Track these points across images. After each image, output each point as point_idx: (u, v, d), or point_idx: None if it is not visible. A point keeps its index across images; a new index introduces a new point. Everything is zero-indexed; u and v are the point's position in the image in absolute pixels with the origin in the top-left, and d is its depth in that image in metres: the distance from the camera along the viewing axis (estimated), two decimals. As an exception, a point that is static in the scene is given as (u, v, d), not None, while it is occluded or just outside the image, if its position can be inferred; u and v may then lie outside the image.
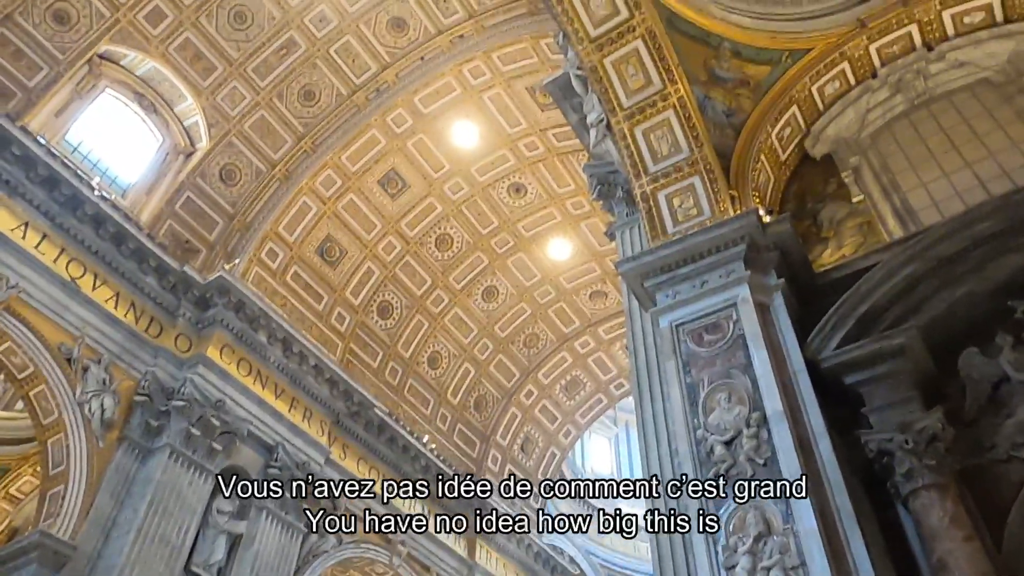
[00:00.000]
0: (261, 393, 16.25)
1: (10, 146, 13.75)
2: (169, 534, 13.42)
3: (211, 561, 14.21)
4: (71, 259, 14.56)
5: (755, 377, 7.11)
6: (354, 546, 17.44)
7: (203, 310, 16.04)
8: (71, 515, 12.98)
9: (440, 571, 19.63)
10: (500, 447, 23.22)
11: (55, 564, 12.32)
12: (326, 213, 19.01)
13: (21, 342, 13.49)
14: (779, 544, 6.08)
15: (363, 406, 18.31)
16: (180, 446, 14.21)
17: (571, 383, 24.13)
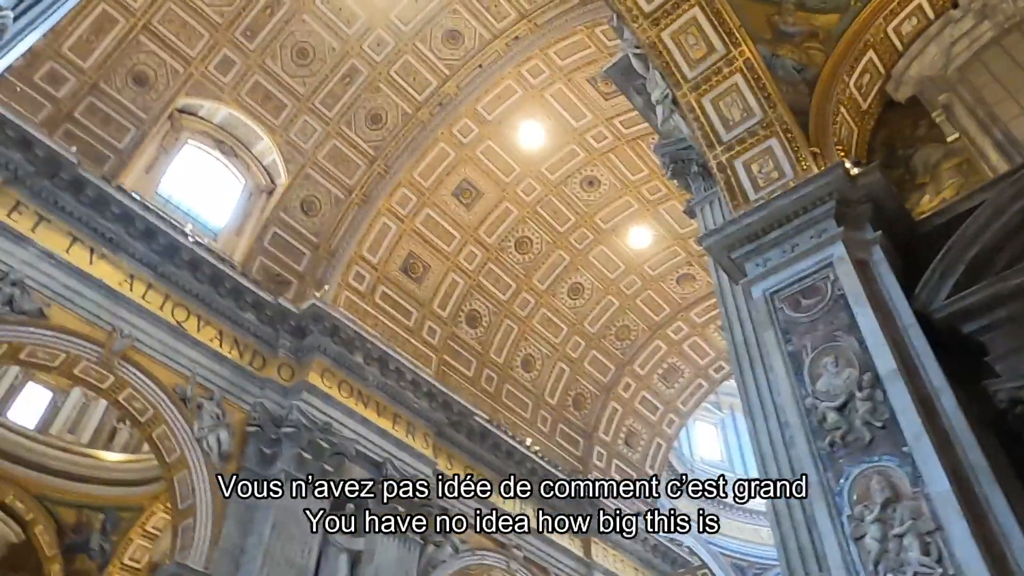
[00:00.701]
0: (364, 412, 16.64)
1: (109, 206, 14.64)
2: (293, 556, 13.90)
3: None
4: (175, 304, 15.34)
5: (862, 337, 6.72)
6: (470, 554, 17.59)
7: (300, 339, 16.58)
8: (202, 545, 13.64)
9: (558, 572, 19.55)
10: (604, 443, 22.97)
11: None
12: (405, 231, 19.33)
13: (140, 388, 14.29)
14: (910, 509, 5.71)
15: (463, 415, 18.49)
16: (294, 471, 14.71)
17: (668, 371, 23.66)
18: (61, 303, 13.60)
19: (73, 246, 14.17)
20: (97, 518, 19.81)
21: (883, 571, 5.62)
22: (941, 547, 5.50)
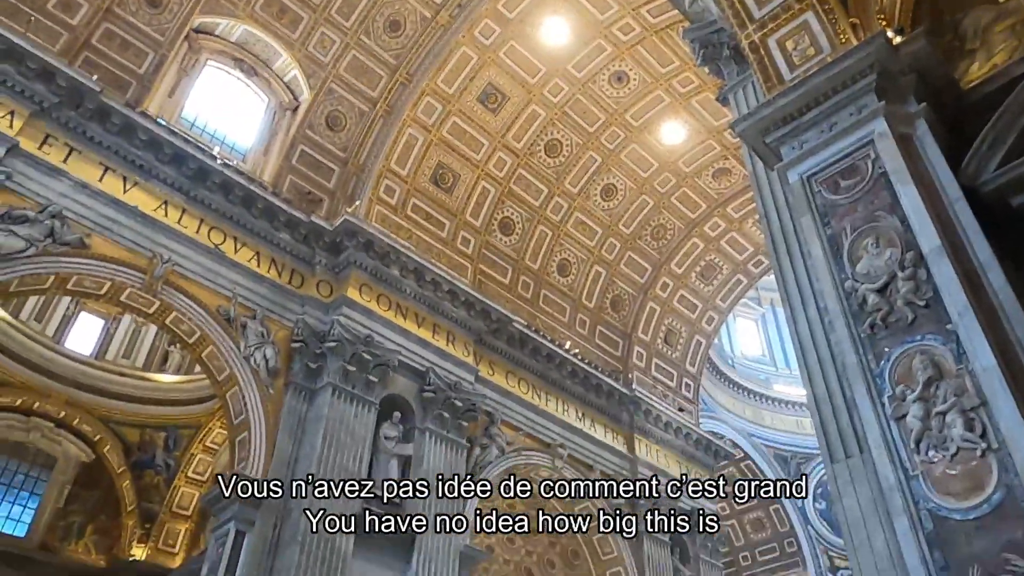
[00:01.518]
0: (404, 324, 16.89)
1: (136, 132, 14.64)
2: (346, 463, 14.44)
3: (387, 483, 15.20)
4: (211, 227, 15.51)
5: (905, 215, 6.47)
6: (516, 454, 18.13)
7: (336, 255, 16.71)
8: (259, 457, 14.25)
9: (603, 468, 20.08)
10: (643, 343, 23.09)
11: (254, 501, 13.61)
12: (432, 141, 19.05)
13: (185, 310, 14.65)
14: (954, 386, 5.61)
15: (502, 322, 18.67)
16: (340, 383, 15.12)
17: (706, 268, 23.43)
18: (101, 232, 13.84)
19: (106, 175, 14.29)
20: (159, 436, 20.81)
21: (924, 448, 5.59)
22: (985, 422, 5.43)
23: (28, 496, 20.08)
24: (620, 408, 21.35)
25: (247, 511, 13.57)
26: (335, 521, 13.58)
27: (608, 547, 19.65)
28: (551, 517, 20.32)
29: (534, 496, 20.12)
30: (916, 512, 5.51)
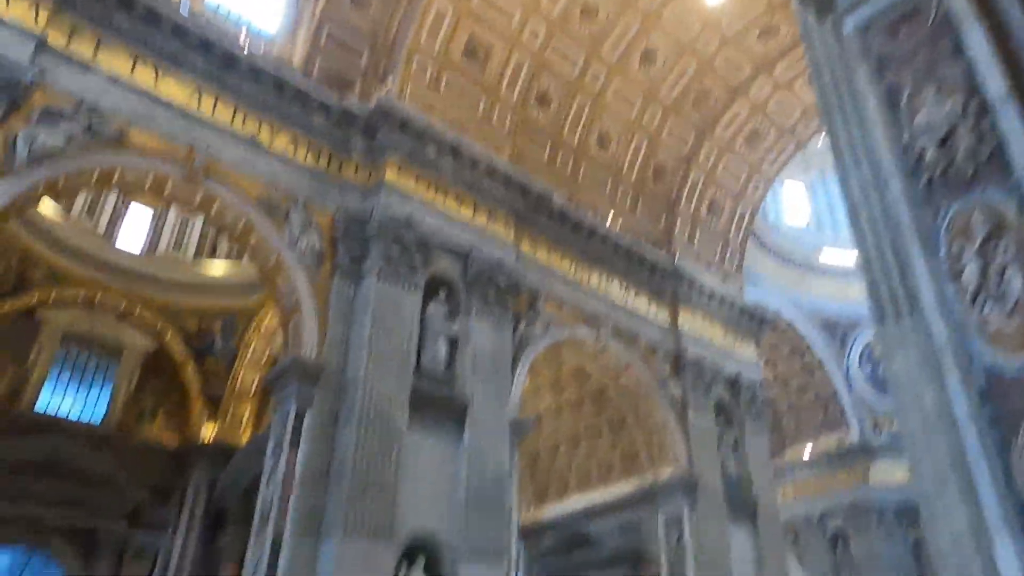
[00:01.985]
0: (443, 205, 16.85)
1: (161, 20, 14.32)
2: (396, 344, 14.87)
3: (437, 361, 15.71)
4: (245, 116, 15.38)
5: (970, 60, 6.01)
6: (560, 330, 18.41)
7: (371, 138, 16.52)
8: (312, 340, 14.74)
9: (647, 340, 20.34)
10: (686, 214, 22.74)
11: (310, 380, 14.23)
12: (462, 13, 18.22)
13: (228, 201, 14.80)
14: (1015, 239, 5.37)
15: (542, 199, 18.49)
16: (384, 267, 15.32)
17: (752, 134, 22.60)
18: (138, 125, 13.85)
19: (136, 67, 14.13)
20: (216, 324, 21.66)
21: (980, 304, 5.45)
22: (1047, 275, 5.24)
23: (101, 384, 21.31)
24: (663, 281, 21.35)
25: (305, 390, 14.21)
26: (388, 398, 14.18)
27: (654, 415, 20.21)
28: (596, 387, 20.90)
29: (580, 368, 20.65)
30: (968, 368, 5.45)
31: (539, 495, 23.97)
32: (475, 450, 15.05)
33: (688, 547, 18.70)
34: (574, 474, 22.89)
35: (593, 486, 22.24)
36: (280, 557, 12.79)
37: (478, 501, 14.62)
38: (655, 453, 20.24)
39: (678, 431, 19.94)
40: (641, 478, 20.43)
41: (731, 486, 20.39)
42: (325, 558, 12.73)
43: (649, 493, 19.93)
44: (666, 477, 19.69)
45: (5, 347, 19.72)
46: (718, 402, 21.35)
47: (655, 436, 20.27)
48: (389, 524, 13.19)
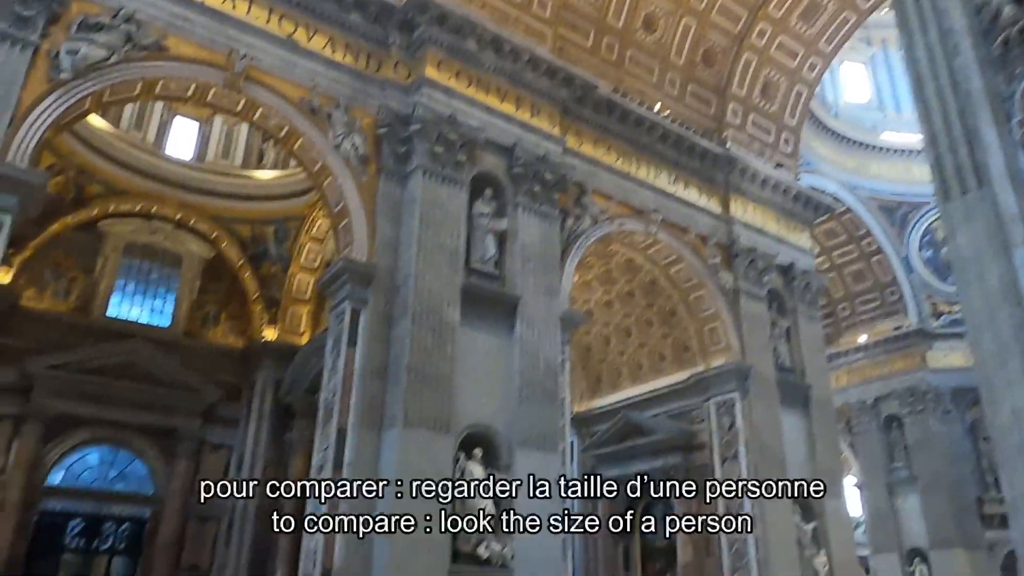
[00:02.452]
0: (486, 100, 16.49)
1: (187, -82, 13.90)
2: (444, 242, 14.96)
3: (486, 258, 15.81)
4: (281, 16, 15.07)
5: (1056, -98, 5.45)
6: (608, 223, 18.23)
7: (410, 33, 16.08)
8: (362, 241, 14.93)
9: (697, 230, 20.04)
10: (738, 98, 21.82)
11: (363, 281, 14.52)
12: None
13: (270, 106, 14.74)
14: (1097, 102, 5.03)
15: (587, 89, 17.93)
16: (429, 165, 15.23)
17: (808, 8, 21.24)
18: (176, 33, 13.73)
19: (168, -30, 13.85)
20: (269, 230, 22.07)
21: (1056, 173, 5.16)
22: None
23: (165, 291, 22.13)
24: (714, 169, 20.79)
25: (359, 291, 14.53)
26: (439, 295, 14.42)
27: (705, 304, 20.16)
28: (647, 279, 20.85)
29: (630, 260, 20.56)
30: (1038, 242, 5.22)
31: (592, 386, 24.48)
32: (527, 343, 15.32)
33: (740, 433, 19.02)
34: (626, 365, 23.22)
35: (645, 376, 22.58)
36: (345, 448, 13.47)
37: (532, 392, 15.00)
38: (707, 342, 20.31)
39: (730, 320, 19.90)
40: (693, 367, 20.62)
41: (783, 373, 20.46)
42: (387, 448, 13.36)
43: (701, 381, 20.15)
44: (718, 365, 19.82)
45: (73, 259, 20.53)
46: (771, 290, 21.12)
47: (707, 326, 20.28)
48: (446, 416, 13.69)
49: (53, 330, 19.34)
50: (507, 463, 14.33)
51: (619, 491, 22.91)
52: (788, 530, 18.52)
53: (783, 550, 18.12)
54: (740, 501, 18.48)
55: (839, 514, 20.09)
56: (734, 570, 18.19)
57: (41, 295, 19.81)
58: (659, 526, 22.31)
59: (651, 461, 21.52)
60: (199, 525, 20.35)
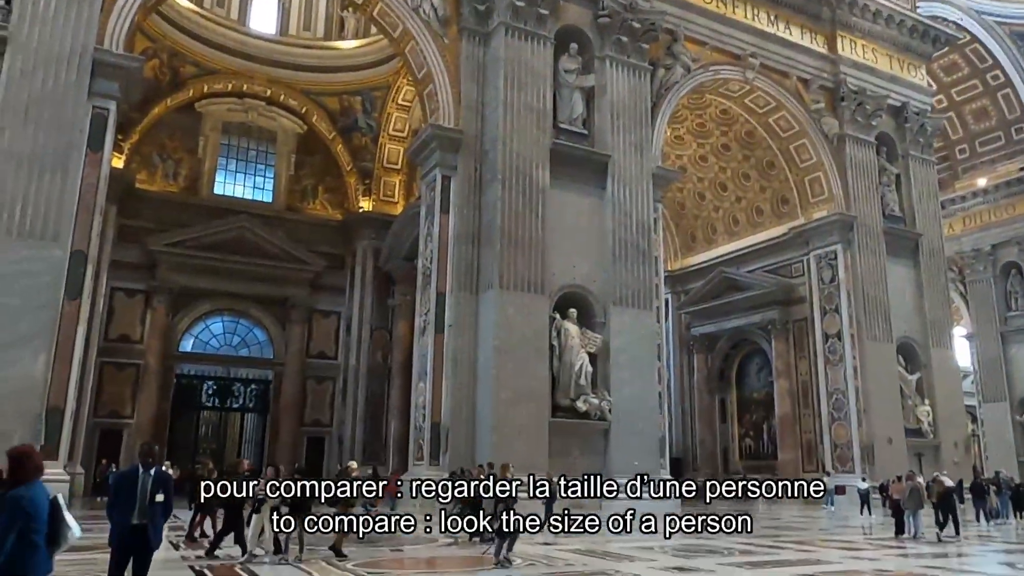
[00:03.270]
0: (567, -55, 15.49)
1: None
2: (530, 102, 14.60)
3: (574, 116, 15.40)
4: None
5: None
6: (703, 71, 17.24)
7: None
8: (447, 106, 14.77)
9: (799, 74, 18.71)
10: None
11: (451, 147, 14.49)
12: None
13: (345, -31, 14.36)
14: None
15: (676, -77, 16.48)
16: (511, 21, 14.65)
17: None
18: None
19: None
20: (356, 100, 22.09)
21: None
22: None
23: (264, 168, 22.84)
24: (819, 3, 19.06)
25: (447, 158, 14.56)
26: (527, 157, 14.26)
27: (806, 154, 19.15)
28: (744, 130, 19.88)
29: (725, 111, 19.58)
30: None
31: (685, 243, 24.14)
32: (619, 202, 15.12)
33: (842, 285, 18.52)
34: (721, 220, 22.67)
35: (741, 231, 22.04)
36: (445, 310, 14.02)
37: (625, 252, 14.96)
38: (808, 194, 19.46)
39: (834, 169, 18.89)
40: (792, 220, 19.92)
41: (891, 222, 19.48)
42: (485, 309, 13.81)
43: (801, 234, 19.51)
44: (820, 217, 19.06)
45: (176, 141, 21.32)
46: (880, 135, 19.77)
47: (808, 176, 19.35)
48: (540, 278, 13.91)
49: (168, 210, 20.44)
50: (602, 321, 14.59)
51: (715, 346, 23.17)
52: (891, 380, 18.29)
53: (885, 400, 17.99)
54: (841, 352, 18.28)
55: (946, 364, 19.62)
56: (833, 421, 18.30)
57: (152, 177, 20.82)
58: (756, 379, 22.50)
59: (748, 316, 21.38)
60: (317, 385, 21.96)
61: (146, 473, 3.72)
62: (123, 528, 3.62)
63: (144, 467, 3.75)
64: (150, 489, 3.67)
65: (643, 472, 13.36)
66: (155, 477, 3.73)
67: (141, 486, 3.67)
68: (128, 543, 3.62)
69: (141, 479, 3.69)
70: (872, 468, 17.18)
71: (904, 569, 7.09)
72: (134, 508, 3.64)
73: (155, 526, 3.69)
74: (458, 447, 13.21)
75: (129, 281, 19.76)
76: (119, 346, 19.47)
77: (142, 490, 3.66)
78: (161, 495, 3.71)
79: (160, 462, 3.94)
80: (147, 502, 3.66)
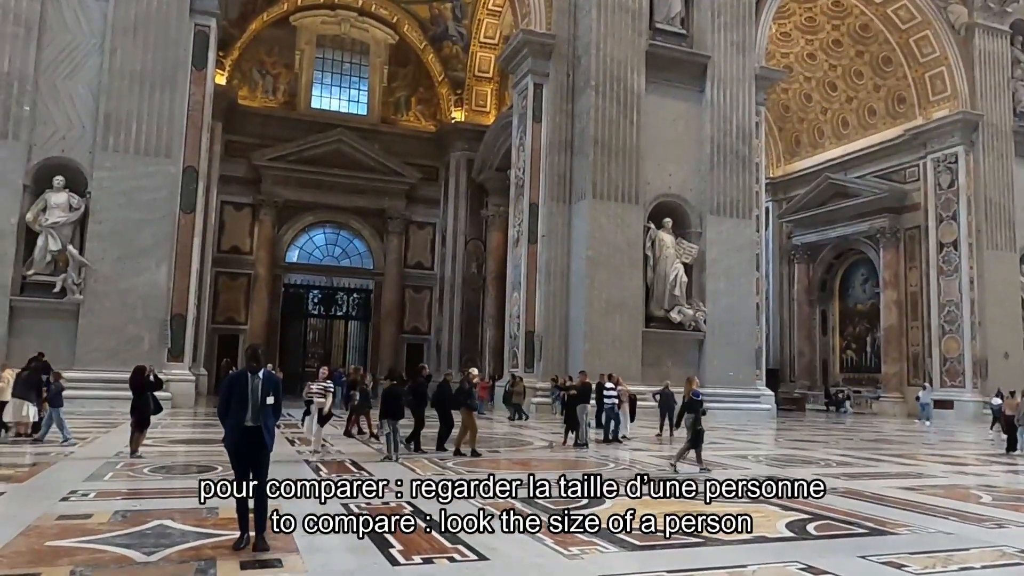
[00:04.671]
0: None
1: None
2: (625, 1, 13.94)
3: (671, 15, 14.64)
4: None
5: None
6: (815, -41, 15.92)
7: None
8: (539, 10, 14.31)
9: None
10: None
11: (543, 54, 14.13)
12: None
13: None
14: None
15: None
16: (605, -86, 13.87)
17: None
18: None
19: None
20: (446, 8, 21.69)
21: None
22: None
23: (358, 81, 23.01)
24: None
25: (539, 64, 14.23)
26: (622, 61, 13.73)
27: (928, 47, 17.60)
28: (858, 23, 18.39)
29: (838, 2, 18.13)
30: None
31: (789, 148, 22.96)
32: (718, 106, 14.48)
33: (962, 190, 17.28)
34: (829, 123, 21.36)
35: (851, 134, 20.73)
36: (538, 220, 14.03)
37: (723, 158, 14.42)
38: (928, 91, 18.00)
39: (959, 63, 17.34)
40: (909, 121, 18.55)
41: (1022, 120, 17.84)
42: (578, 220, 13.73)
43: (918, 136, 18.19)
44: (940, 117, 17.65)
45: (274, 56, 21.68)
46: (1016, 22, 17.88)
47: (929, 72, 17.84)
48: (635, 187, 13.64)
49: (270, 124, 21.02)
50: (698, 231, 14.27)
51: (818, 256, 22.25)
52: (1011, 292, 17.19)
53: (1003, 312, 16.98)
54: (957, 262, 17.26)
55: (1076, 274, 18.21)
56: (944, 334, 17.49)
57: (253, 93, 21.35)
58: (861, 290, 21.60)
59: (855, 224, 20.33)
60: (415, 294, 22.64)
61: (255, 376, 3.69)
62: (238, 431, 3.61)
63: (252, 371, 3.71)
64: (261, 391, 3.64)
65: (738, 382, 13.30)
66: (264, 379, 3.70)
67: (252, 389, 3.64)
68: (244, 445, 3.61)
69: (251, 382, 3.66)
70: (984, 383, 16.44)
71: (1015, 485, 6.85)
72: (247, 410, 3.63)
73: (268, 428, 3.65)
74: (551, 355, 13.48)
75: (237, 195, 20.67)
76: (231, 257, 20.60)
77: (253, 392, 3.64)
78: (271, 397, 3.67)
79: (264, 365, 3.97)
80: (259, 404, 3.63)
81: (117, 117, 11.44)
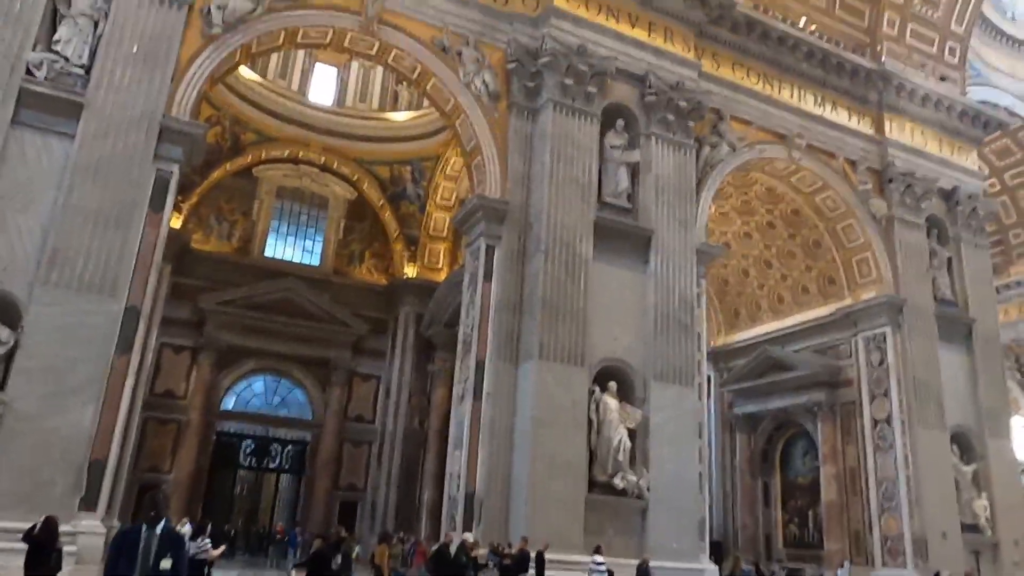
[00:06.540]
0: (616, 27, 16.00)
1: None
2: (576, 175, 14.85)
3: (618, 191, 15.58)
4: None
5: None
6: (748, 150, 17.38)
7: (534, -41, 15.75)
8: (495, 178, 15.08)
9: (846, 155, 18.73)
10: (895, 5, 19.85)
11: (497, 218, 14.73)
12: None
13: (403, 47, 15.01)
14: None
15: (724, 8, 16.95)
16: (559, 98, 15.06)
17: None
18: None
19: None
20: (406, 170, 22.77)
21: None
22: None
23: (314, 232, 23.50)
24: (867, 86, 19.21)
25: (492, 227, 14.79)
26: (572, 229, 14.41)
27: (854, 234, 18.97)
28: (790, 208, 19.83)
29: (771, 189, 19.60)
30: None
31: (729, 320, 23.86)
32: (662, 277, 15.11)
33: (891, 369, 18.00)
34: (766, 298, 22.41)
35: (786, 310, 21.72)
36: (484, 379, 13.98)
37: (667, 326, 14.85)
38: (855, 274, 19.19)
39: (882, 250, 18.66)
40: (839, 300, 19.59)
41: (943, 306, 19.02)
42: (524, 380, 13.73)
43: (849, 315, 19.14)
44: (868, 299, 18.72)
45: (233, 204, 22.17)
46: (931, 217, 19.53)
47: (856, 256, 19.11)
48: (581, 349, 13.84)
49: (220, 269, 21.10)
50: (642, 396, 14.39)
51: (758, 427, 22.55)
52: (944, 471, 17.51)
53: (938, 491, 17.19)
54: (891, 439, 17.64)
55: (1004, 455, 18.73)
56: (883, 510, 17.52)
57: (208, 238, 21.57)
58: (801, 462, 21.75)
59: (793, 397, 20.84)
60: (354, 448, 21.95)
61: (151, 531, 3.05)
62: (122, 603, 2.74)
63: (149, 524, 3.07)
64: (155, 551, 3.00)
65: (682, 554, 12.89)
66: (162, 536, 3.05)
67: (144, 547, 3.02)
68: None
69: (144, 539, 3.03)
70: (926, 565, 16.31)
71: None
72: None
73: (161, 600, 2.88)
74: (492, 519, 12.96)
75: (178, 337, 20.25)
76: (163, 401, 19.83)
77: (144, 554, 3.00)
78: (168, 560, 3.02)
79: (165, 516, 3.23)
80: (151, 568, 2.97)
81: (65, 253, 11.31)
